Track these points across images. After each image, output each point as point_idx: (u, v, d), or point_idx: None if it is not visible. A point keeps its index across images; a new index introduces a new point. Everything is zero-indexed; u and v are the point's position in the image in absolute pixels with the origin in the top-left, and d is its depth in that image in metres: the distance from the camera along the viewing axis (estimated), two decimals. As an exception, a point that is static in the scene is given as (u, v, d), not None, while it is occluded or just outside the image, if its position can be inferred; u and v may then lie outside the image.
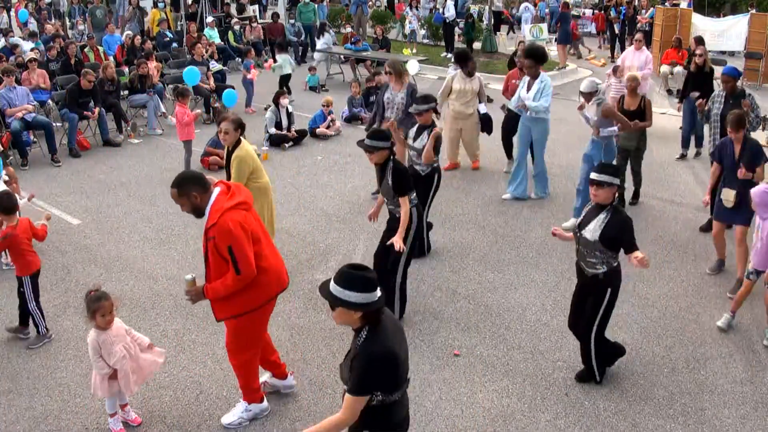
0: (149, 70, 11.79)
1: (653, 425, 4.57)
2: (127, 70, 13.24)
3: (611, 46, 18.96)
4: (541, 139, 8.24)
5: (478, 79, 9.11)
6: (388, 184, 5.35)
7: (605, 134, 7.27)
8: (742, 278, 6.09)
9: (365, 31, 19.24)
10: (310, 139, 11.11)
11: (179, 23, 18.16)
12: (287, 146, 10.61)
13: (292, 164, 9.91)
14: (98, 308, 4.19)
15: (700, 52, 9.64)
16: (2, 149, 8.99)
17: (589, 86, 7.31)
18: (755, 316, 5.81)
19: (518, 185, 8.40)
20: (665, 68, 14.11)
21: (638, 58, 11.20)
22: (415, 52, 17.96)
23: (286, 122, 10.71)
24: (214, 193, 4.09)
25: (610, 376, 5.03)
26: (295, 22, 18.34)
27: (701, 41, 11.09)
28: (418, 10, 21.40)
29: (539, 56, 8.04)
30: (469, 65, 9.06)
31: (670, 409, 4.73)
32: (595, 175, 4.53)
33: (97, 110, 10.52)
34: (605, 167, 4.62)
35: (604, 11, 20.57)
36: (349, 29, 17.59)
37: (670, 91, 14.01)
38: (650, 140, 8.22)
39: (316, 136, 11.16)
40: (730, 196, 6.24)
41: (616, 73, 10.74)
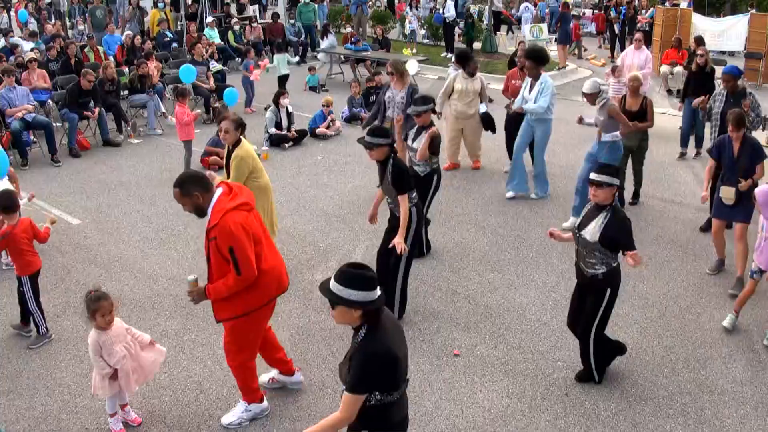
0: (149, 70, 11.80)
1: (653, 425, 4.57)
2: (127, 70, 13.23)
3: (611, 46, 18.96)
4: (542, 139, 8.24)
5: (479, 79, 9.12)
6: (388, 181, 5.35)
7: (607, 138, 7.26)
8: (742, 276, 6.09)
9: (365, 31, 19.23)
10: (310, 139, 11.12)
11: (179, 23, 18.16)
12: (287, 146, 10.62)
13: (292, 164, 9.91)
14: (98, 308, 4.20)
15: (701, 52, 9.64)
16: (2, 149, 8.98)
17: (591, 87, 7.25)
18: (756, 315, 5.80)
19: (517, 182, 8.41)
20: (665, 68, 14.12)
21: (638, 57, 11.21)
22: (415, 52, 17.95)
23: (286, 122, 10.71)
24: (216, 193, 4.10)
25: (610, 376, 5.03)
26: (295, 22, 18.36)
27: (702, 41, 11.10)
28: (418, 10, 21.41)
29: (540, 58, 8.04)
30: (470, 65, 9.07)
31: (670, 409, 4.73)
32: (594, 175, 4.54)
33: (97, 110, 10.53)
34: (605, 167, 4.64)
35: (604, 11, 20.56)
36: (349, 29, 17.61)
37: (670, 91, 14.01)
38: (651, 140, 8.21)
39: (316, 136, 11.16)
40: (729, 193, 6.23)
41: (614, 73, 10.74)
